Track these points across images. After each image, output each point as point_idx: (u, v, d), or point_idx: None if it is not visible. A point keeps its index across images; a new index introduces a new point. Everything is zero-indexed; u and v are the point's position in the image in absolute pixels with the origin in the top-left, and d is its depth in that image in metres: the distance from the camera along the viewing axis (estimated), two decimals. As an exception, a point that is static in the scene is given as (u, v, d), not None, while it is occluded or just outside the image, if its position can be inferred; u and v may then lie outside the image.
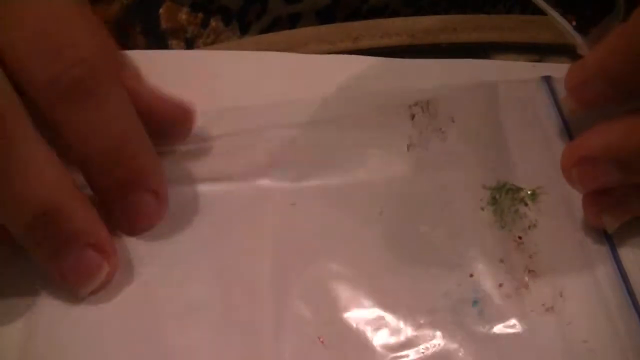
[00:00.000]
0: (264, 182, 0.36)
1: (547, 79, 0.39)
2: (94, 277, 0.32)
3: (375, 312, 0.31)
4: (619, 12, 0.33)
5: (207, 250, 0.34)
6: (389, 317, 0.31)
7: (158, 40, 0.51)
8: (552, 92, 0.39)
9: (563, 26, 0.34)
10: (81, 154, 0.32)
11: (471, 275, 0.33)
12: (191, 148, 0.37)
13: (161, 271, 0.33)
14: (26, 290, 0.32)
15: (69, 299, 0.32)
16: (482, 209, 0.35)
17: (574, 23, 0.34)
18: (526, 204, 0.35)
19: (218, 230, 0.34)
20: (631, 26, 0.30)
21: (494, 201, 0.35)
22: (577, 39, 0.34)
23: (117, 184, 0.33)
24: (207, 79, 0.41)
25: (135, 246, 0.34)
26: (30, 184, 0.30)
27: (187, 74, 0.41)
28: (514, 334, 0.31)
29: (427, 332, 0.31)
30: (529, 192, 0.35)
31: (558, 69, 0.40)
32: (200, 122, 0.38)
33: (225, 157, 0.37)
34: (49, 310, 0.32)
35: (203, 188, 0.36)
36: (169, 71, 0.41)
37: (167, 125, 0.35)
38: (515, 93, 0.39)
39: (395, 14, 0.53)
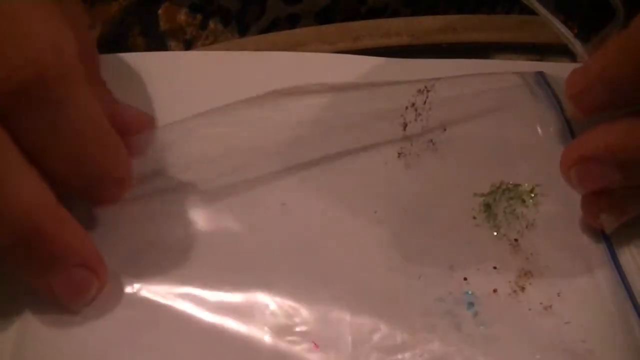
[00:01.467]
0: (255, 181, 0.36)
1: (542, 74, 0.39)
2: (84, 295, 0.31)
3: (370, 315, 0.31)
4: (619, 20, 0.33)
5: (198, 257, 0.33)
6: (384, 321, 0.31)
7: (157, 42, 0.51)
8: (549, 87, 0.39)
9: (564, 34, 0.34)
10: (39, 163, 0.29)
11: (465, 279, 0.32)
12: (182, 146, 0.37)
13: (153, 280, 0.32)
14: (19, 298, 0.31)
15: (59, 310, 0.31)
16: (474, 217, 0.35)
17: (575, 31, 0.34)
18: (524, 201, 0.35)
19: (208, 234, 0.34)
20: (631, 34, 0.31)
21: (486, 208, 0.35)
22: (578, 47, 0.34)
23: (76, 187, 0.31)
24: (207, 80, 0.40)
25: (125, 257, 0.33)
26: (4, 204, 0.27)
27: (188, 75, 0.41)
28: (510, 335, 0.31)
29: (423, 335, 0.31)
30: (527, 189, 0.35)
31: (558, 69, 0.40)
32: (193, 119, 0.37)
33: (217, 155, 0.36)
34: (39, 321, 0.31)
35: (193, 191, 0.35)
36: (169, 72, 0.41)
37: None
38: (510, 89, 0.39)
39: (394, 14, 0.53)
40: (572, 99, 0.33)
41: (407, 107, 0.37)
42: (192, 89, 0.40)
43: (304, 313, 0.31)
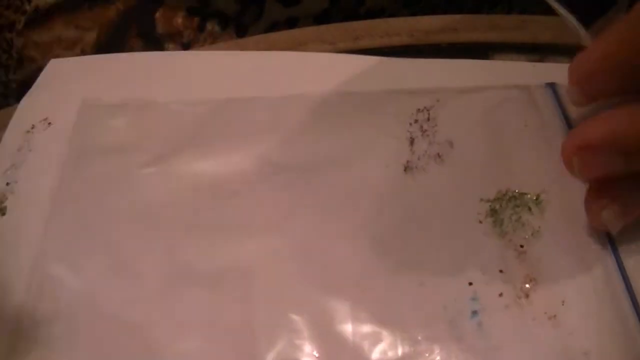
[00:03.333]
0: (254, 199, 0.35)
1: (552, 85, 0.39)
2: None
3: (372, 325, 0.31)
4: (623, 4, 0.33)
5: (199, 263, 0.33)
6: (386, 331, 0.30)
7: (155, 45, 0.51)
8: (557, 97, 0.38)
9: (567, 18, 0.34)
10: None
11: (470, 284, 0.32)
12: (180, 147, 0.36)
13: (154, 286, 0.32)
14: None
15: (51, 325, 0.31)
16: (481, 222, 0.34)
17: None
18: (530, 209, 0.34)
19: (210, 241, 0.34)
20: (634, 16, 0.30)
21: (493, 213, 0.34)
22: (581, 31, 0.34)
23: None
24: (207, 80, 0.40)
25: (130, 256, 0.33)
26: None
27: (187, 75, 0.41)
28: (514, 345, 0.30)
29: (425, 347, 0.30)
30: (533, 198, 0.35)
31: (558, 69, 0.40)
32: (192, 117, 0.37)
33: (217, 160, 0.36)
34: (30, 335, 0.31)
35: (191, 197, 0.35)
36: (168, 72, 0.40)
37: None
38: (519, 100, 0.39)
39: (392, 16, 0.53)
40: (576, 85, 0.32)
41: (411, 124, 0.37)
42: (192, 89, 0.39)
43: (305, 324, 0.31)
